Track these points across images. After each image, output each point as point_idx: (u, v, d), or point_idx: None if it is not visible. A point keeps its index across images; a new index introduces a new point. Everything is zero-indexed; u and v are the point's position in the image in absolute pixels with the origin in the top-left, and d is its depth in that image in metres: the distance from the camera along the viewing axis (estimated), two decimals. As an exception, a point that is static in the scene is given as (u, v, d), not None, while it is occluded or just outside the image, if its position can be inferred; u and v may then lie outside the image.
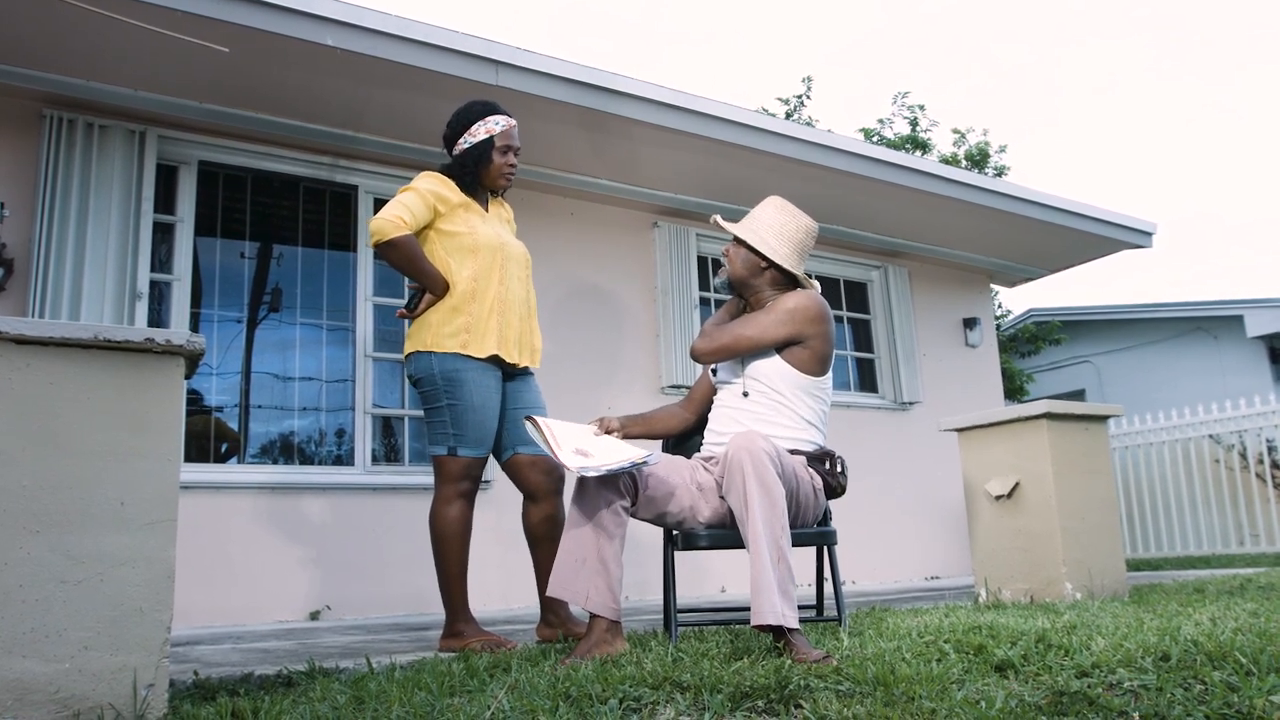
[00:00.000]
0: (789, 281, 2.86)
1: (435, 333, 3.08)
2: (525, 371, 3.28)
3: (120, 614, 1.90)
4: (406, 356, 3.16)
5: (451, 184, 3.19)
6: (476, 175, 3.23)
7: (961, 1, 66.09)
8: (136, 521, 1.96)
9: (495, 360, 3.12)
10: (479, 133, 3.21)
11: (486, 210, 3.29)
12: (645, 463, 2.45)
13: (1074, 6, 72.13)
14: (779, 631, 2.21)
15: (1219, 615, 2.55)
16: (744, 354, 2.76)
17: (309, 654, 3.03)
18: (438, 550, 3.08)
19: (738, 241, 2.87)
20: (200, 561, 4.59)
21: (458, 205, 3.17)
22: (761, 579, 2.21)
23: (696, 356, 2.79)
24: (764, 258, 2.82)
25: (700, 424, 2.96)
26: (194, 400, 5.14)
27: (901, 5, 66.18)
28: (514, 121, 3.29)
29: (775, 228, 2.83)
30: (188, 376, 2.20)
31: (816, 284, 2.91)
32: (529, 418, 2.61)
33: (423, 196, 3.10)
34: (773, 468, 2.34)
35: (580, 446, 2.52)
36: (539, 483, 3.18)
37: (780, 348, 2.74)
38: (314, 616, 4.85)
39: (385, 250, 3.02)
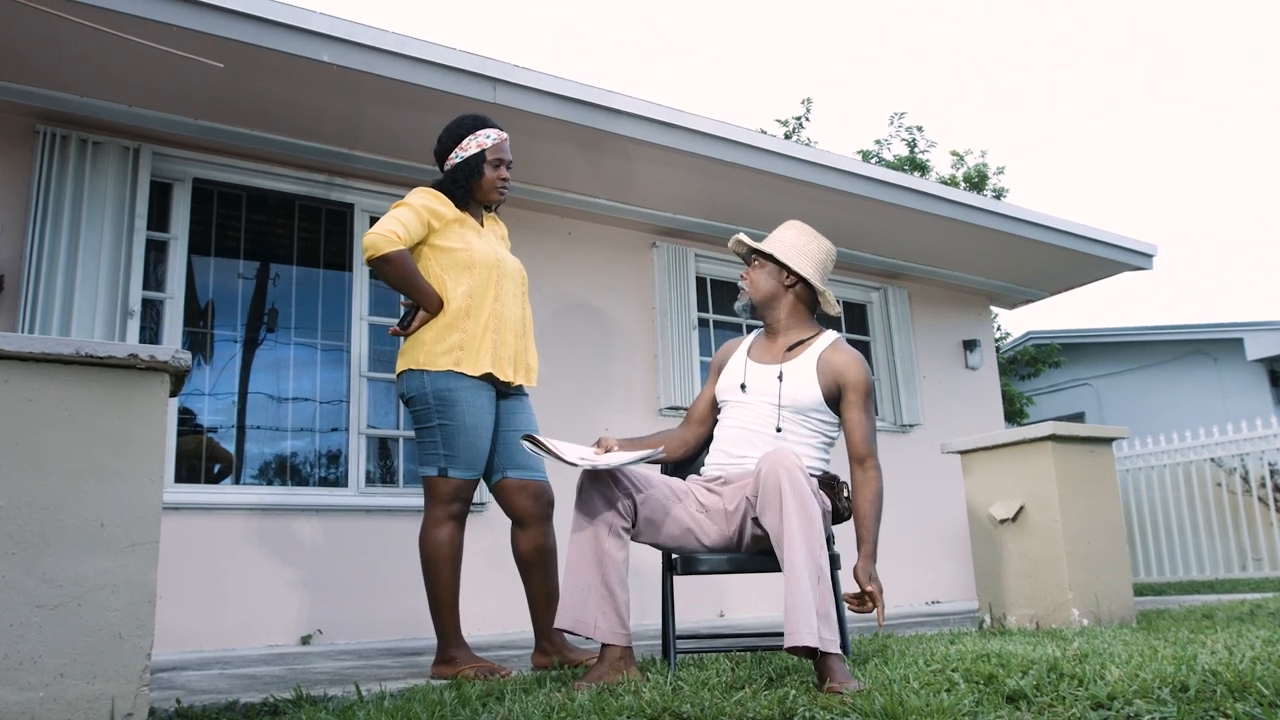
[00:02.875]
0: (809, 305, 2.86)
1: (428, 350, 3.01)
2: (519, 391, 3.22)
3: (98, 640, 1.83)
4: (398, 375, 3.10)
5: (445, 199, 3.14)
6: (469, 189, 3.18)
7: (959, 25, 66.57)
8: (117, 544, 1.89)
9: (489, 379, 3.06)
10: (470, 147, 3.17)
11: (481, 226, 3.23)
12: (654, 456, 2.45)
13: (1070, 30, 72.67)
14: (816, 657, 2.13)
15: (1234, 643, 2.48)
16: None
17: (297, 680, 2.95)
18: (428, 574, 3.00)
19: (759, 261, 2.84)
20: (190, 583, 4.51)
21: (452, 220, 3.12)
22: (799, 599, 2.12)
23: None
24: (790, 273, 2.80)
25: (699, 447, 2.90)
26: (186, 419, 5.07)
27: (899, 30, 66.66)
28: (505, 135, 3.25)
29: (798, 247, 2.82)
30: (174, 394, 2.14)
31: (838, 306, 2.89)
32: (527, 437, 2.53)
33: (416, 211, 3.05)
34: (809, 486, 2.28)
35: (584, 455, 2.47)
36: (526, 508, 3.11)
37: (825, 390, 2.71)
38: (305, 640, 4.76)
39: (379, 265, 2.96)
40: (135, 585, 1.89)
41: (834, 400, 2.72)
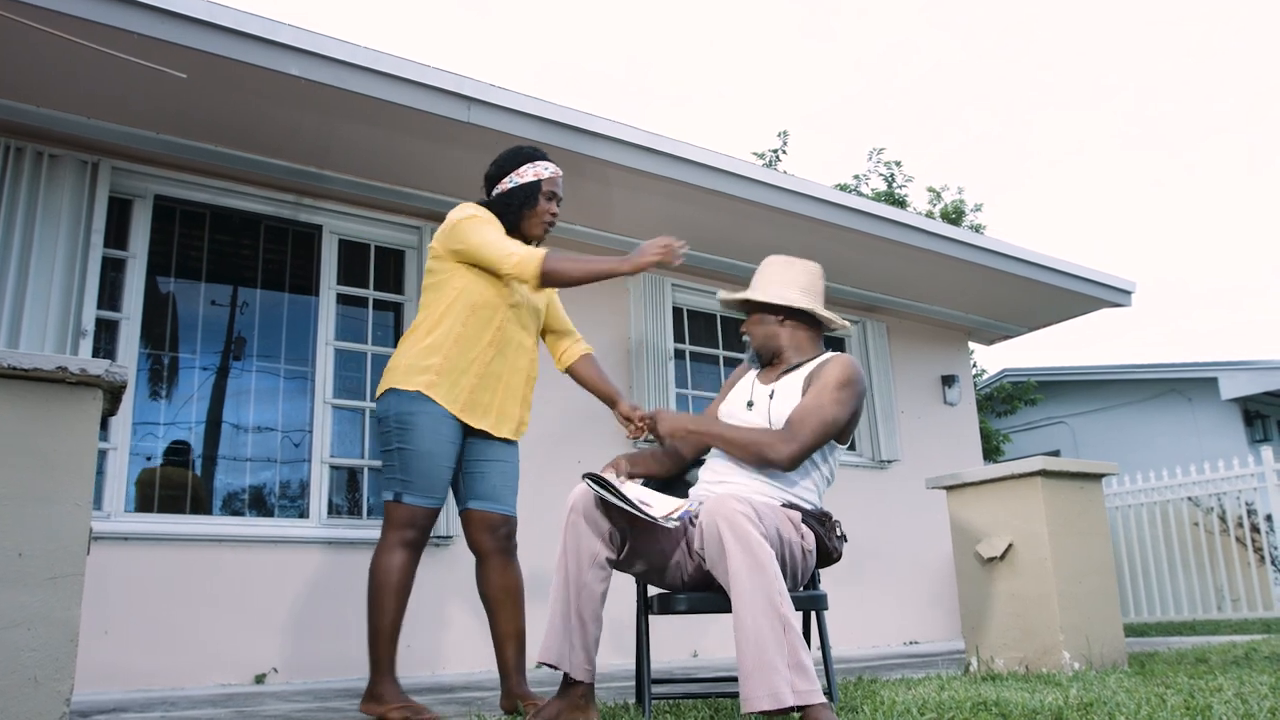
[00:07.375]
0: (811, 327, 2.74)
1: (405, 370, 2.87)
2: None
3: (10, 684, 1.64)
4: (377, 395, 2.94)
5: (498, 222, 3.00)
6: (519, 217, 3.04)
7: (934, 70, 67.54)
8: (36, 576, 1.71)
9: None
10: (527, 174, 3.04)
11: None
12: (693, 510, 2.33)
13: (1045, 74, 73.90)
14: (796, 710, 1.96)
15: (1242, 691, 2.34)
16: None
17: (244, 725, 2.75)
18: (371, 600, 2.84)
19: (748, 309, 2.78)
20: (140, 618, 4.28)
21: None
22: (756, 657, 1.96)
23: (789, 465, 2.46)
24: (777, 310, 2.71)
25: (694, 461, 2.79)
26: (141, 445, 4.85)
27: (876, 73, 67.53)
28: (561, 172, 3.14)
29: (777, 280, 2.73)
30: (110, 412, 1.96)
31: (843, 321, 2.78)
32: (590, 476, 2.31)
33: (496, 226, 2.93)
34: (755, 529, 2.12)
35: (642, 498, 2.29)
36: (483, 542, 2.95)
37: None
38: (259, 680, 4.53)
39: (549, 279, 2.87)
40: (55, 623, 1.70)
41: None
